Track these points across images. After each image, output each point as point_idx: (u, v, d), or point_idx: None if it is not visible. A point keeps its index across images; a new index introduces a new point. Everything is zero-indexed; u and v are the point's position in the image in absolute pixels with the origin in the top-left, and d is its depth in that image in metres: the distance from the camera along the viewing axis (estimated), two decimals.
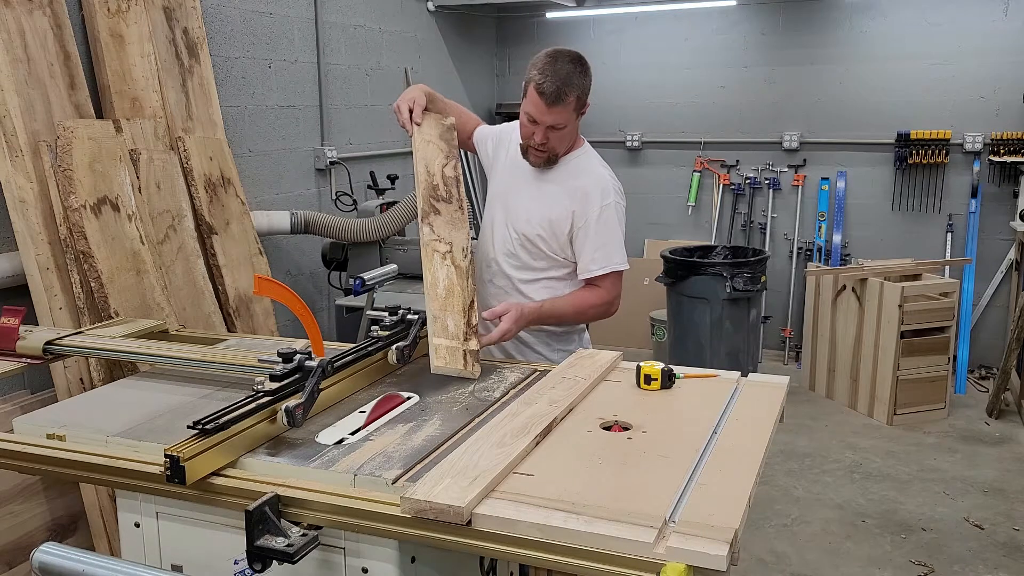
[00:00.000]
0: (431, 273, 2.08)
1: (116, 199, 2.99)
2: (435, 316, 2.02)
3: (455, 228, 2.19)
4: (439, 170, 2.27)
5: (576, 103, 2.24)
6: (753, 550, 3.41)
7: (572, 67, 2.21)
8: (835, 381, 5.19)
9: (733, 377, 2.00)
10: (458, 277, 2.09)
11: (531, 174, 2.40)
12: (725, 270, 4.66)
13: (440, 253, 2.12)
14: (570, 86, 2.19)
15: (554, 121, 2.23)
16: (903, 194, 5.59)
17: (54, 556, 1.28)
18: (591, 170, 2.37)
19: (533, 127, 2.26)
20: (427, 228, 2.15)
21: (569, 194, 2.33)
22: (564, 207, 2.32)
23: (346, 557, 1.51)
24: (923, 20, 5.37)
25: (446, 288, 2.06)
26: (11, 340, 2.14)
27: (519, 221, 2.38)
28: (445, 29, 5.78)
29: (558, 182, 2.36)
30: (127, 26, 3.29)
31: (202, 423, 1.52)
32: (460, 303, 2.06)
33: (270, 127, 4.29)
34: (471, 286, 2.12)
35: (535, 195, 2.38)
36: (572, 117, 2.26)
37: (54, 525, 2.85)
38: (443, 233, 2.16)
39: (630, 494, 1.40)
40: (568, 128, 2.28)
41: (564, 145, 2.33)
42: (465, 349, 1.98)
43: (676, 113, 6.11)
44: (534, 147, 2.30)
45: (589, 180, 2.34)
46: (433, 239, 2.14)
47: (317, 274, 4.65)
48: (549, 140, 2.27)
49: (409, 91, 2.39)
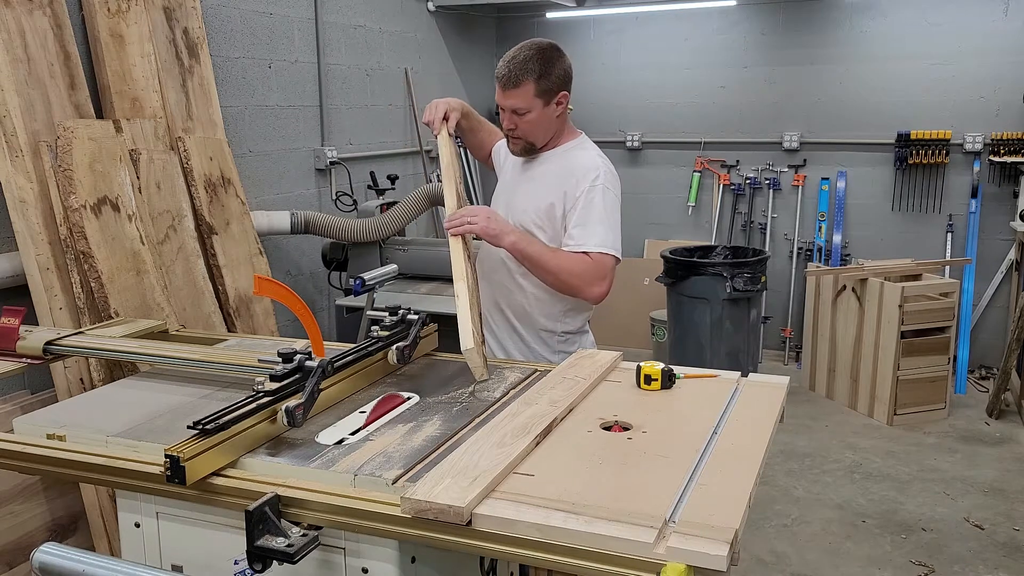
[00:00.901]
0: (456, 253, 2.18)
1: (116, 199, 2.99)
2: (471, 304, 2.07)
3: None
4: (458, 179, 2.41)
5: (535, 88, 2.25)
6: (753, 550, 3.41)
7: (532, 53, 2.25)
8: (835, 381, 5.19)
9: (733, 377, 2.00)
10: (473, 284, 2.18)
11: (528, 168, 2.44)
12: (725, 270, 4.66)
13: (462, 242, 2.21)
14: (524, 71, 2.23)
15: (513, 105, 2.28)
16: (903, 194, 5.59)
17: (54, 556, 1.28)
18: (583, 156, 2.38)
19: (504, 115, 2.34)
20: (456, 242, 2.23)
21: (560, 177, 2.34)
22: (554, 192, 2.33)
23: (346, 557, 1.51)
24: (923, 20, 5.37)
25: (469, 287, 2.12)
26: (11, 340, 2.14)
27: (517, 213, 2.41)
28: (445, 29, 5.78)
29: (549, 171, 2.40)
30: (127, 26, 3.29)
31: (202, 423, 1.52)
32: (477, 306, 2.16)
33: (270, 127, 4.29)
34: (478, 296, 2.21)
35: (528, 186, 2.42)
36: (536, 104, 2.27)
37: (54, 525, 2.85)
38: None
39: (630, 494, 1.40)
40: (534, 115, 2.28)
41: (539, 134, 2.35)
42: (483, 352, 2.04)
43: (676, 113, 6.11)
44: (507, 133, 2.38)
45: (578, 164, 2.34)
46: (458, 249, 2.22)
47: (317, 274, 4.65)
48: (517, 126, 2.32)
49: (451, 100, 2.46)
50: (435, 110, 2.41)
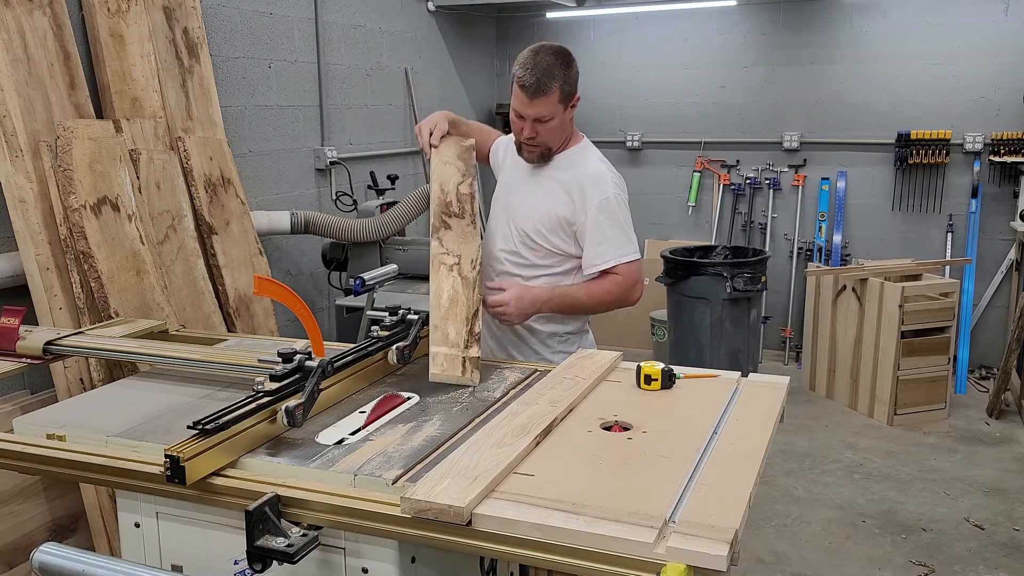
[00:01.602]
0: (436, 284, 2.07)
1: (116, 199, 2.99)
2: (436, 326, 2.01)
3: (465, 241, 2.17)
4: (453, 188, 2.27)
5: (560, 95, 2.24)
6: (753, 550, 3.41)
7: (553, 59, 2.22)
8: (835, 381, 5.19)
9: (733, 377, 2.00)
10: (464, 287, 2.08)
11: (530, 172, 2.42)
12: (725, 270, 4.66)
13: (447, 265, 2.10)
14: (551, 77, 2.20)
15: (538, 113, 2.24)
16: (903, 194, 5.59)
17: (54, 556, 1.28)
18: (588, 164, 2.37)
19: (521, 122, 2.28)
20: (436, 242, 2.14)
21: (566, 188, 2.33)
22: (562, 201, 2.33)
23: (346, 557, 1.51)
24: (923, 20, 5.37)
25: (450, 298, 2.04)
26: (11, 340, 2.14)
27: (519, 218, 2.39)
28: (445, 29, 5.78)
29: (555, 177, 2.37)
30: (127, 26, 3.29)
31: (202, 423, 1.52)
32: (464, 312, 2.04)
33: (270, 127, 4.29)
34: (477, 296, 2.10)
35: (534, 192, 2.39)
36: (559, 109, 2.26)
37: (54, 525, 2.85)
38: (452, 247, 2.14)
39: (630, 494, 1.40)
40: (556, 121, 2.27)
41: (556, 138, 2.34)
42: (465, 356, 1.96)
43: (676, 113, 6.11)
44: (525, 142, 2.32)
45: (585, 174, 2.34)
46: (441, 252, 2.13)
47: (317, 274, 4.65)
48: (538, 134, 2.28)
49: (432, 116, 2.41)
50: (421, 135, 2.36)
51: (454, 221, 2.21)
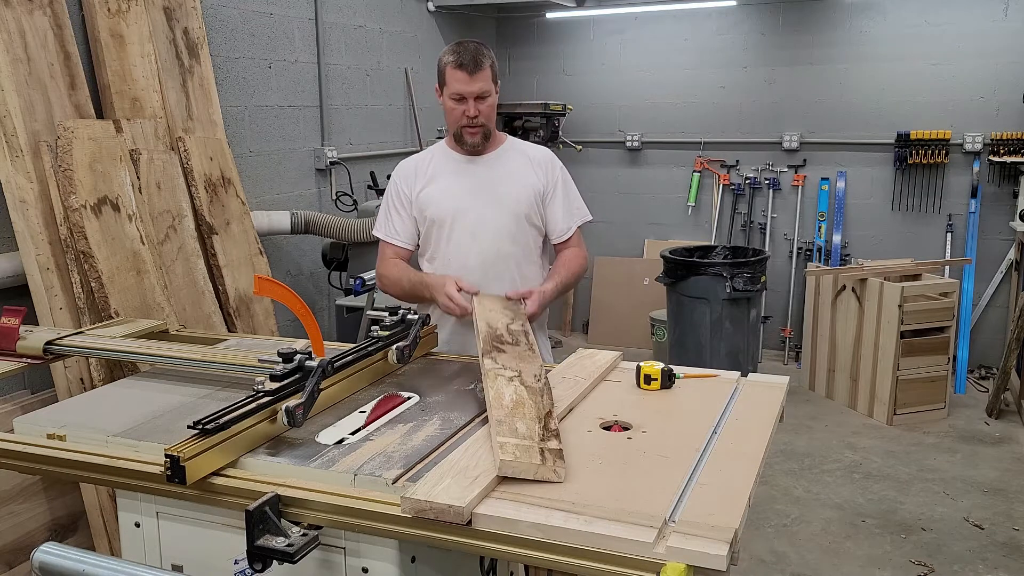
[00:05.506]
0: (495, 390, 1.80)
1: (116, 199, 2.99)
2: (500, 420, 1.66)
3: (523, 361, 1.97)
4: (503, 326, 2.12)
5: (491, 72, 2.40)
6: (753, 550, 3.41)
7: (478, 44, 2.41)
8: (835, 381, 5.19)
9: (733, 377, 2.01)
10: (529, 395, 1.80)
11: (480, 171, 2.47)
12: (725, 270, 4.66)
13: (506, 377, 1.88)
14: (482, 56, 2.37)
15: (480, 89, 2.36)
16: (903, 194, 5.59)
17: (54, 556, 1.28)
18: (532, 146, 2.60)
19: (463, 105, 2.38)
20: (489, 360, 1.93)
21: (531, 167, 2.50)
22: (535, 176, 2.49)
23: (346, 557, 1.51)
24: (923, 20, 5.37)
25: (514, 401, 1.76)
26: (11, 340, 2.15)
27: (510, 203, 2.45)
28: (445, 29, 5.78)
29: (511, 163, 2.50)
30: (127, 26, 3.29)
31: (202, 423, 1.52)
32: (534, 412, 1.72)
33: (270, 127, 4.30)
34: (547, 400, 1.79)
35: (503, 179, 2.47)
36: (492, 88, 2.41)
37: (54, 525, 2.85)
38: (510, 364, 1.94)
39: (630, 494, 1.40)
40: (493, 99, 2.42)
41: (493, 118, 2.47)
42: (543, 447, 1.58)
43: (676, 113, 6.11)
44: (468, 125, 2.41)
45: (538, 153, 2.56)
46: (496, 367, 1.91)
47: (317, 274, 4.65)
48: (480, 112, 2.39)
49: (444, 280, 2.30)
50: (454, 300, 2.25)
51: (508, 347, 2.03)
